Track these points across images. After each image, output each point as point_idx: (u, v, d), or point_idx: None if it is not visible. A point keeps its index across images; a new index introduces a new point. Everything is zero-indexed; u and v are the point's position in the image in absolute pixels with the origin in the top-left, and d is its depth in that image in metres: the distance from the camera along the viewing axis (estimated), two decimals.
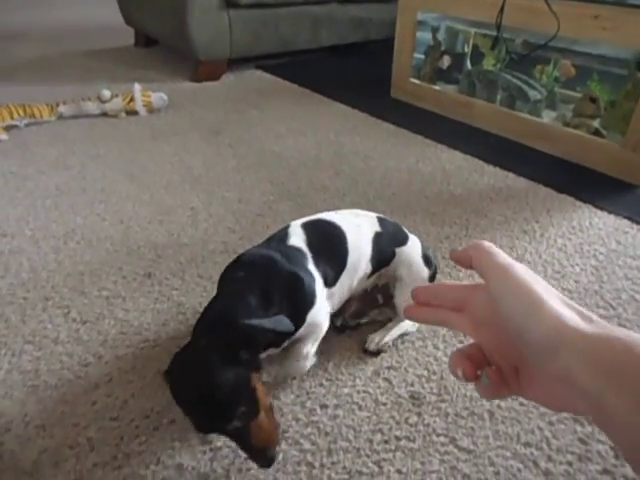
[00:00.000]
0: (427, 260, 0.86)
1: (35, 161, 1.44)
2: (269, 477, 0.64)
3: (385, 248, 0.83)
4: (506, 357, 0.35)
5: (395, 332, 0.85)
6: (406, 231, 0.88)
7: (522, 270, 0.33)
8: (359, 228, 0.82)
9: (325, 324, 0.76)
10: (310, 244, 0.75)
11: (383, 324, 0.87)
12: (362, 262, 0.80)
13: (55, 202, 1.25)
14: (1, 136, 1.54)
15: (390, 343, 0.84)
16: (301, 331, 0.72)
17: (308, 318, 0.72)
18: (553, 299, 0.31)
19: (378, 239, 0.83)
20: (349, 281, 0.80)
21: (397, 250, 0.84)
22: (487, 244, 0.36)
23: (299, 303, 0.70)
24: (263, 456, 0.59)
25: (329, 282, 0.76)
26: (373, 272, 0.83)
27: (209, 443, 0.68)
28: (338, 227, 0.80)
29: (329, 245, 0.78)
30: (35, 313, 0.90)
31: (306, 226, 0.78)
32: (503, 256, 0.35)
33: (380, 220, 0.86)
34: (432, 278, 0.88)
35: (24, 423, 0.70)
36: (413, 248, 0.86)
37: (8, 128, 1.58)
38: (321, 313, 0.74)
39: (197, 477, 0.64)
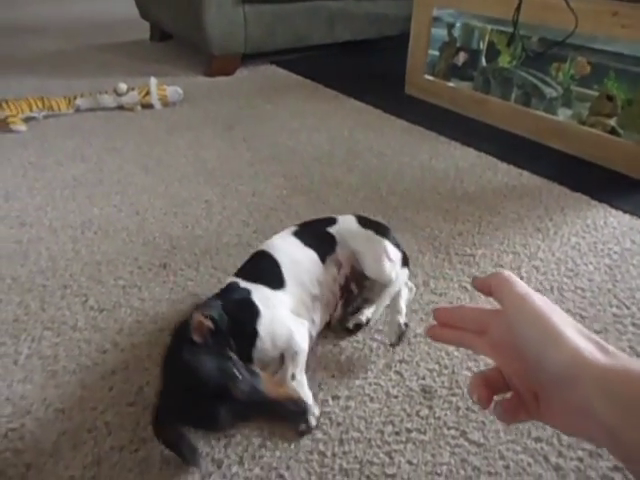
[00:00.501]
0: (365, 223, 0.88)
1: (53, 152, 1.47)
2: (282, 464, 0.66)
3: (315, 233, 0.85)
4: (525, 383, 0.35)
5: (380, 305, 0.83)
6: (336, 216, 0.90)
7: (540, 300, 0.34)
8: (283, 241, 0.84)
9: (295, 338, 0.73)
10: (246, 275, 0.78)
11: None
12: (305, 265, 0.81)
13: (73, 193, 1.27)
14: (20, 128, 1.57)
15: (377, 317, 0.84)
16: (272, 353, 0.72)
17: (261, 331, 0.70)
18: (570, 330, 0.31)
19: (300, 233, 0.85)
20: (308, 288, 0.80)
21: (332, 231, 0.86)
22: (507, 273, 0.37)
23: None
24: (288, 410, 0.61)
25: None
26: (323, 260, 0.83)
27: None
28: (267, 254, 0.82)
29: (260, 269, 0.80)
30: (54, 300, 0.92)
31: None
32: (522, 285, 0.36)
33: (300, 225, 0.89)
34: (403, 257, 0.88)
35: (44, 406, 0.72)
36: (345, 222, 0.88)
37: (27, 120, 1.61)
38: (281, 329, 0.73)
39: (211, 463, 0.66)
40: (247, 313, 0.71)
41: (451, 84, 1.88)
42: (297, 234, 0.86)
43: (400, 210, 1.22)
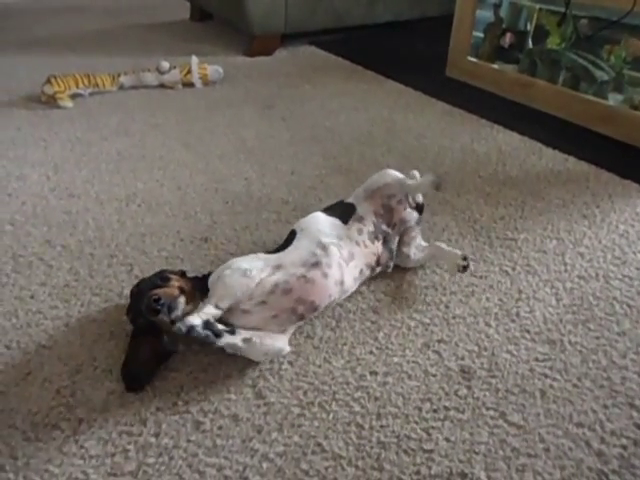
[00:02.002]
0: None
1: (98, 128, 1.50)
2: (320, 433, 0.67)
3: (338, 205, 0.98)
4: None
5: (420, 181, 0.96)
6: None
7: None
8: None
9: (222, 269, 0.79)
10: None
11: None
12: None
13: (117, 167, 1.30)
14: (67, 104, 1.61)
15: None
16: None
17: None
18: None
19: (326, 209, 0.96)
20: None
21: (350, 200, 0.97)
22: None
23: None
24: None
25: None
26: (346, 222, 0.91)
27: (263, 398, 0.71)
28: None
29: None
30: (101, 268, 0.95)
31: None
32: None
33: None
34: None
35: (92, 367, 0.75)
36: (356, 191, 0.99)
37: (73, 96, 1.65)
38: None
39: (251, 428, 0.67)
40: None
41: (495, 66, 1.83)
42: (324, 210, 0.96)
43: (439, 192, 1.20)
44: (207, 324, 0.70)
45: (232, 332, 0.72)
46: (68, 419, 0.68)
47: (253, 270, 0.76)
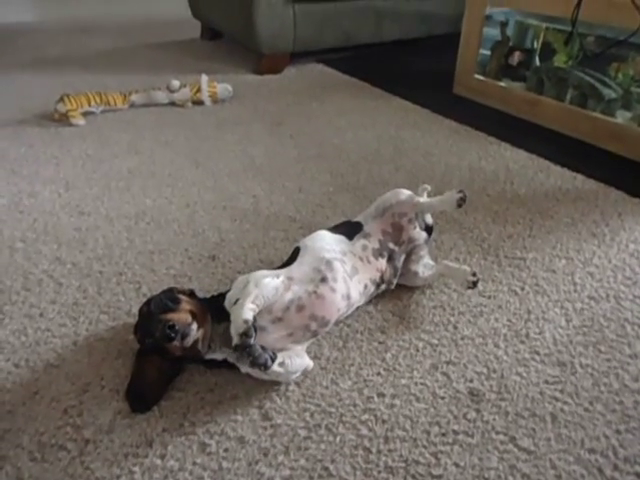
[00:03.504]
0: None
1: (109, 145, 1.53)
2: (327, 457, 0.66)
3: (344, 225, 0.98)
4: None
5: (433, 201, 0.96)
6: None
7: None
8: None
9: (252, 275, 0.78)
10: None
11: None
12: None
13: (127, 184, 1.32)
14: (79, 122, 1.64)
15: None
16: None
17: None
18: None
19: (332, 228, 0.96)
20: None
21: (358, 219, 0.98)
22: None
23: None
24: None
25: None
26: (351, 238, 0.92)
27: (270, 419, 0.71)
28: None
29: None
30: (110, 286, 0.96)
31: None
32: None
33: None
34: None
35: (100, 386, 0.75)
36: (365, 211, 0.99)
37: (86, 114, 1.68)
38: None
39: (257, 450, 0.67)
40: None
41: (502, 84, 1.84)
42: (330, 229, 0.95)
43: (448, 211, 1.20)
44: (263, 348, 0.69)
45: (274, 357, 0.71)
46: (75, 440, 0.68)
47: (280, 276, 0.77)
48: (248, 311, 0.69)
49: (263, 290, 0.73)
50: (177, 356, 0.72)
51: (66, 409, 0.72)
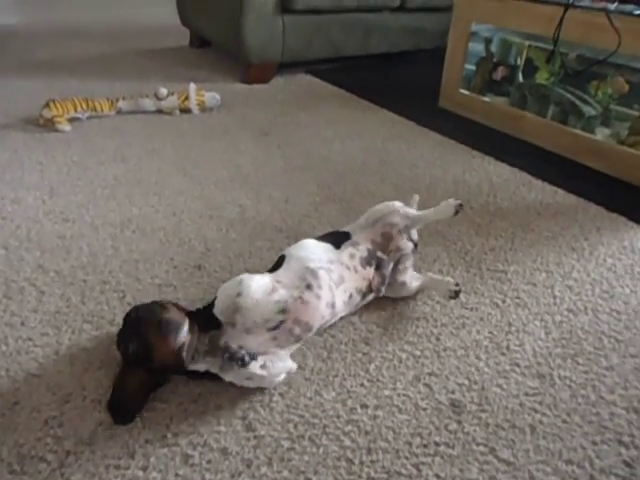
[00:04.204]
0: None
1: (95, 152, 1.52)
2: (310, 468, 0.66)
3: (331, 234, 0.99)
4: None
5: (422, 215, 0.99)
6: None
7: None
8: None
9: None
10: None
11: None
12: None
13: (113, 192, 1.31)
14: (65, 127, 1.63)
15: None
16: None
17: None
18: None
19: (319, 237, 0.96)
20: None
21: (346, 229, 0.99)
22: None
23: None
24: None
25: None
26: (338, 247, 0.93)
27: (253, 430, 0.71)
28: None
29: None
30: (93, 295, 0.95)
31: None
32: None
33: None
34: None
35: (82, 397, 0.75)
36: (355, 223, 1.00)
37: (72, 120, 1.67)
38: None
39: (241, 462, 0.67)
40: None
41: (486, 99, 1.88)
42: (317, 238, 0.95)
43: (432, 223, 1.22)
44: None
45: (254, 357, 0.73)
46: (55, 451, 0.67)
47: (265, 277, 0.80)
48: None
49: (259, 281, 0.79)
50: (159, 367, 0.72)
51: (47, 420, 0.71)
